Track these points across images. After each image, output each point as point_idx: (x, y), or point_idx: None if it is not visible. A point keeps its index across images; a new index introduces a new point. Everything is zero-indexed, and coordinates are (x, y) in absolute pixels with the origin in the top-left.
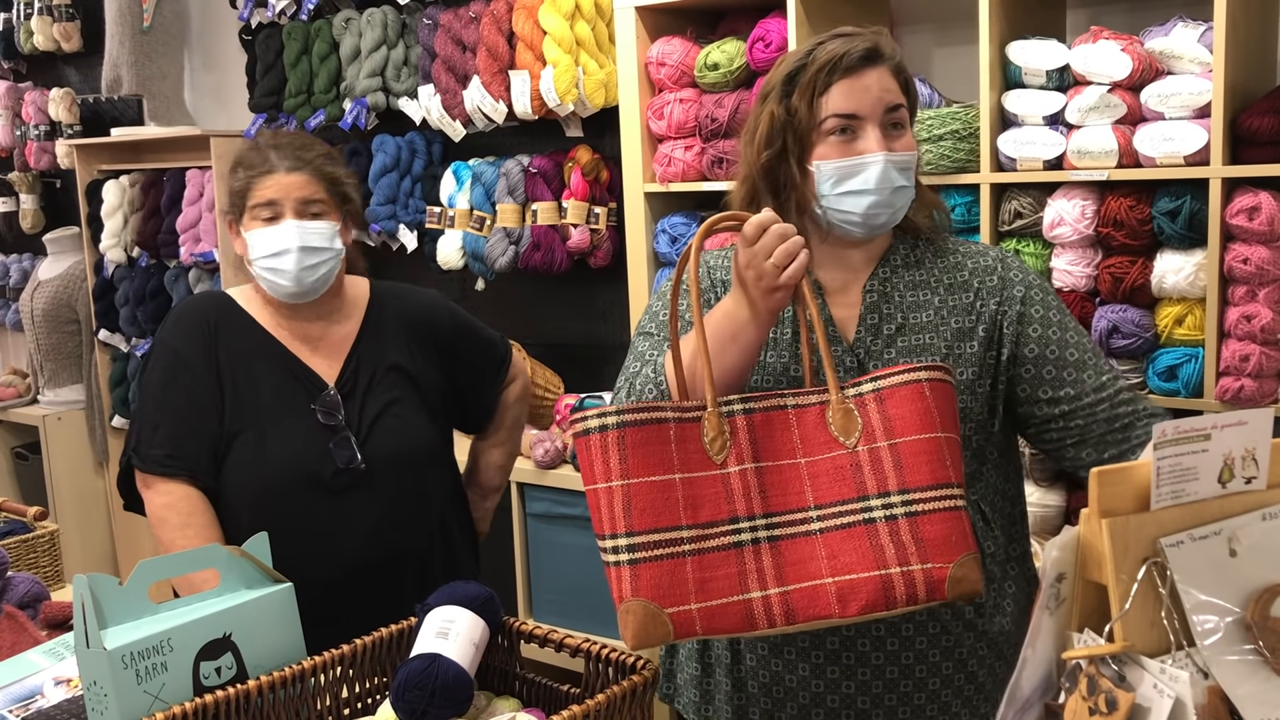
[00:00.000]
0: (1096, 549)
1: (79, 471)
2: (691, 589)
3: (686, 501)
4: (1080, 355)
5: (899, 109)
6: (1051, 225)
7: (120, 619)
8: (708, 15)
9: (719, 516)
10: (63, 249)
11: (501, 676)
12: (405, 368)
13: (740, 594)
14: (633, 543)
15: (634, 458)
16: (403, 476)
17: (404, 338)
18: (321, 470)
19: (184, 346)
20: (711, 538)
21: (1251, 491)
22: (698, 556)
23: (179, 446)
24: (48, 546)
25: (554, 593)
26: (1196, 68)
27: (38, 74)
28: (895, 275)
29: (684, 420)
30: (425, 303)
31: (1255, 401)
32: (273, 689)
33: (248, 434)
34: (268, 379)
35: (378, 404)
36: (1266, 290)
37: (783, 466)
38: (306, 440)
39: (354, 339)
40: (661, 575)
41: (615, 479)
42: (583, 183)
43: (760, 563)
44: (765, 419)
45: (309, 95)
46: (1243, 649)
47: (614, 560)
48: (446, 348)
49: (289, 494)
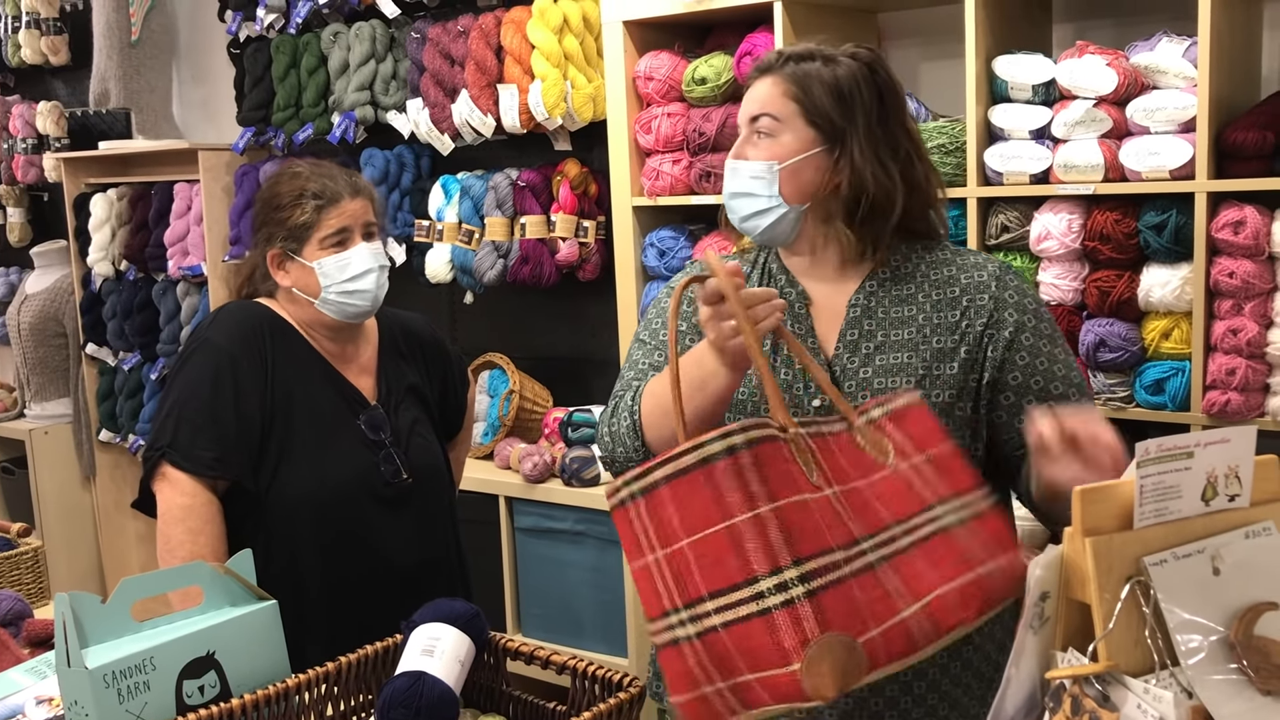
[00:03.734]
0: (1080, 568)
1: (65, 486)
2: (864, 616)
3: (809, 527)
4: (1065, 389)
5: (759, 118)
6: (1038, 239)
7: (102, 637)
8: (695, 30)
9: (838, 541)
10: (50, 262)
11: (488, 694)
12: (419, 387)
13: (894, 616)
14: (803, 572)
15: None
16: (433, 490)
17: (413, 358)
18: (373, 483)
19: (237, 351)
20: (847, 562)
21: (1235, 509)
22: (855, 577)
23: (227, 451)
24: (32, 563)
25: (541, 607)
26: (1181, 82)
27: (25, 87)
28: (882, 289)
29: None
30: (421, 322)
31: (1242, 415)
32: (256, 707)
33: (303, 447)
34: (321, 394)
35: (407, 421)
36: (1252, 304)
37: (854, 489)
38: (356, 453)
39: (377, 359)
40: (839, 601)
41: (761, 505)
42: (571, 196)
43: (888, 582)
44: (821, 443)
45: (297, 109)
46: (1227, 668)
47: (782, 600)
48: (440, 365)
49: (347, 506)
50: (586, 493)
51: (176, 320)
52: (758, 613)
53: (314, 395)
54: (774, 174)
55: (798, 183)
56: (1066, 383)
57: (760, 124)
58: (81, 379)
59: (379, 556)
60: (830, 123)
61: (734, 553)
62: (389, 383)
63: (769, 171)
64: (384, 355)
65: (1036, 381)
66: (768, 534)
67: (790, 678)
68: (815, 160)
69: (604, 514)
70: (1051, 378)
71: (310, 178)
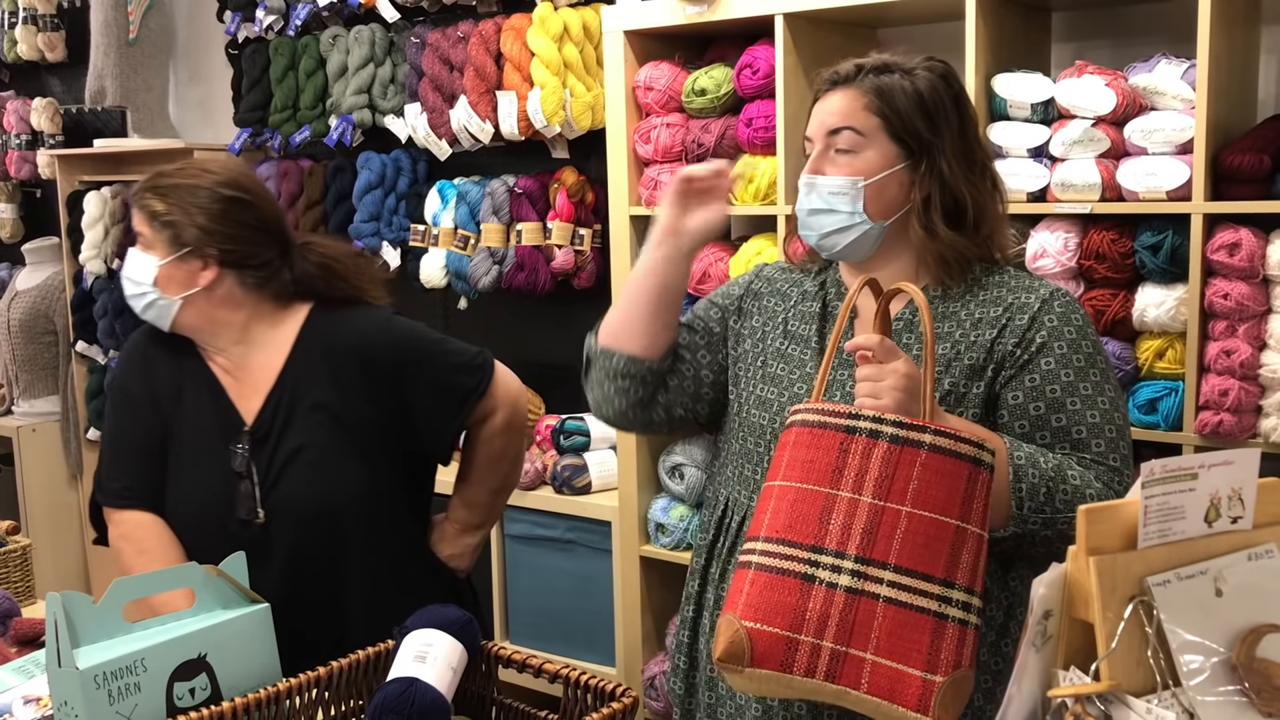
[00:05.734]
0: (1084, 587)
1: (53, 484)
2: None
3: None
4: (1072, 425)
5: (839, 132)
6: (1034, 257)
7: (93, 638)
8: (696, 41)
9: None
10: (41, 259)
11: (479, 701)
12: (331, 405)
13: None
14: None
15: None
16: (305, 528)
17: (334, 371)
18: (228, 518)
19: (128, 379)
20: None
21: (1238, 531)
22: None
23: (133, 478)
24: (19, 561)
25: (531, 615)
26: (1179, 104)
27: (21, 83)
28: (930, 305)
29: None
30: (360, 330)
31: (1234, 436)
32: (247, 710)
33: (175, 472)
34: (200, 415)
35: (289, 448)
36: (1246, 326)
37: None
38: (218, 484)
39: (278, 373)
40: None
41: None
42: (568, 204)
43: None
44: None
45: (294, 111)
46: (1228, 690)
47: (960, 616)
48: (389, 380)
49: (201, 538)
50: (578, 500)
51: None
52: (934, 613)
53: (193, 416)
54: (858, 190)
55: (882, 199)
56: (1078, 420)
57: (841, 138)
58: (71, 377)
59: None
60: (916, 137)
61: (949, 549)
62: (281, 401)
63: (853, 187)
64: (288, 369)
65: (1037, 407)
66: (980, 553)
67: (925, 684)
68: (899, 175)
69: (595, 522)
70: (1059, 408)
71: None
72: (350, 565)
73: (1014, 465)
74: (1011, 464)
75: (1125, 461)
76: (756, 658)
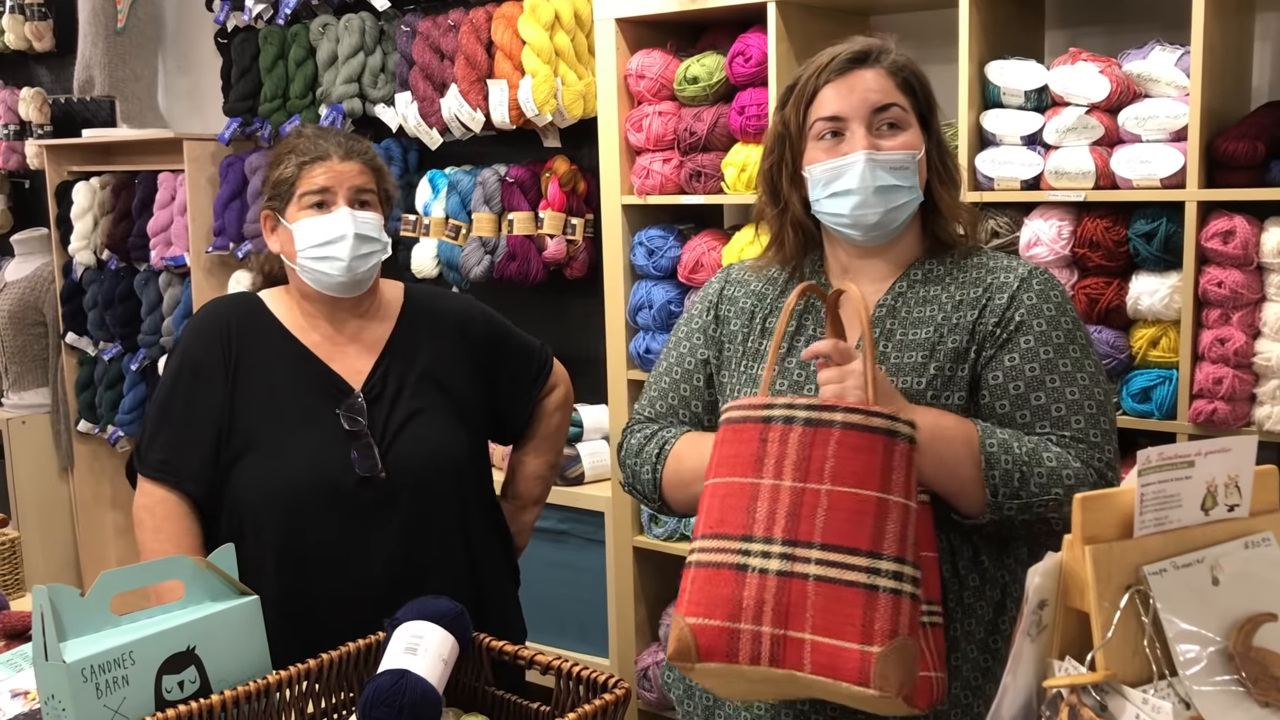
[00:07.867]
0: (1079, 576)
1: (42, 477)
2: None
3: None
4: (1051, 403)
5: (889, 108)
6: (1028, 245)
7: (81, 631)
8: (688, 29)
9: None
10: (30, 250)
11: (471, 693)
12: (437, 374)
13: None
14: (912, 572)
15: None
16: (426, 487)
17: (438, 343)
18: (343, 480)
19: (198, 352)
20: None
21: (1234, 519)
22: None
23: (175, 454)
24: (8, 554)
25: (530, 607)
26: (1173, 91)
27: (8, 73)
28: (911, 290)
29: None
30: (460, 307)
31: (1228, 424)
32: (237, 704)
33: (263, 442)
34: (289, 384)
35: (405, 412)
36: (1240, 314)
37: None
38: (327, 447)
39: (386, 341)
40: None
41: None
42: (560, 193)
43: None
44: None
45: (284, 100)
46: (1225, 679)
47: (891, 586)
48: (482, 355)
49: (308, 503)
50: (570, 491)
51: (158, 311)
52: (864, 585)
53: (280, 386)
54: (915, 164)
55: (922, 175)
56: (1058, 397)
57: (891, 114)
58: (61, 368)
59: (352, 559)
60: (932, 117)
61: (873, 521)
62: (391, 368)
63: (912, 161)
64: (396, 337)
65: (1016, 386)
66: (907, 522)
67: (863, 656)
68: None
69: (587, 513)
70: (1038, 386)
71: (305, 137)
72: (464, 527)
73: (986, 454)
74: (984, 452)
75: (1106, 437)
76: (702, 652)
